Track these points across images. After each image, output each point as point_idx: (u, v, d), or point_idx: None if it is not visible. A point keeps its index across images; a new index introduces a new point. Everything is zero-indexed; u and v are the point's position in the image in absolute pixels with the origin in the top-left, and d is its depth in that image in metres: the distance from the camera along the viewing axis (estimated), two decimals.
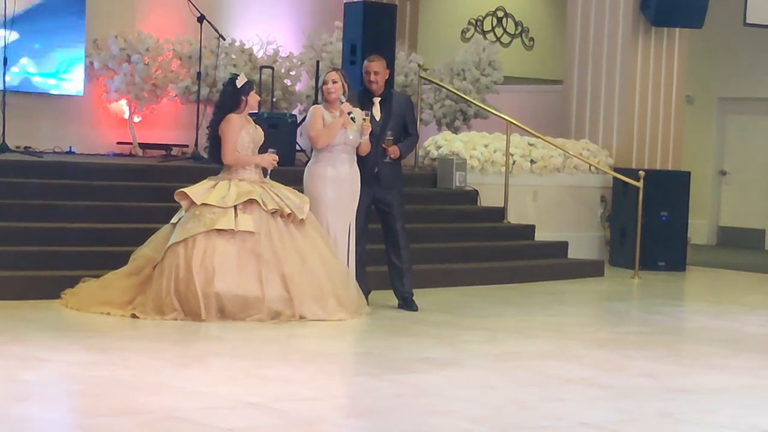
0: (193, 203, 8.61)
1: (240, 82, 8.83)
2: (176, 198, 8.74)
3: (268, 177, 8.93)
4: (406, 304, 9.45)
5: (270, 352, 7.67)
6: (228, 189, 8.65)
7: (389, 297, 9.56)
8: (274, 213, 8.66)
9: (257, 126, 9.05)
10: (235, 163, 8.76)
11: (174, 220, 8.73)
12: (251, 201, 8.62)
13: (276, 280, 8.53)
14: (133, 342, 7.69)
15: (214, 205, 8.56)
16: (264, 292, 8.48)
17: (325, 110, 9.17)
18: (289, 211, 8.66)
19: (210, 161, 9.26)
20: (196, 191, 8.68)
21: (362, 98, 9.40)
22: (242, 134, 8.78)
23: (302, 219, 8.72)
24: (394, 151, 9.32)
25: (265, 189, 8.74)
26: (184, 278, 8.40)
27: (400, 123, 9.46)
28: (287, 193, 8.84)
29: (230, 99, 8.83)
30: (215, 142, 8.82)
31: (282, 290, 8.54)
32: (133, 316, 8.42)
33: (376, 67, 9.41)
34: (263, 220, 8.62)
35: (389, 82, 9.72)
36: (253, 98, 8.92)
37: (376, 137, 9.25)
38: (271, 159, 8.87)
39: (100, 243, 9.68)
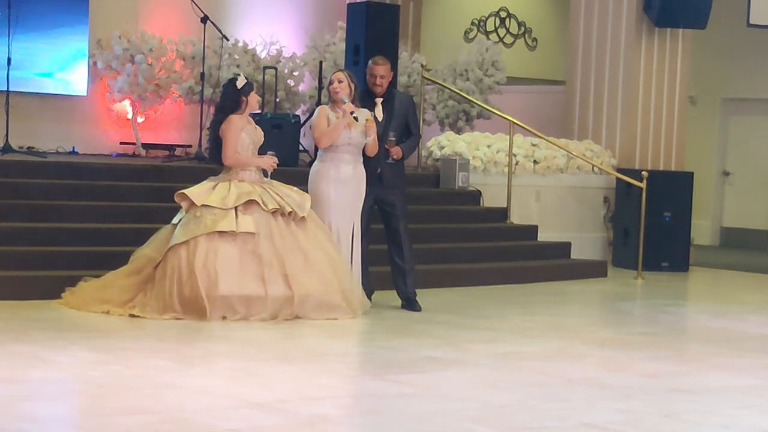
0: (193, 204, 8.62)
1: (240, 83, 8.84)
2: (176, 199, 8.75)
3: (268, 178, 8.93)
4: (409, 304, 9.46)
5: (273, 352, 7.67)
6: (228, 190, 8.65)
7: (392, 297, 9.56)
8: (274, 213, 8.66)
9: (257, 127, 9.05)
10: (236, 164, 8.77)
11: (174, 220, 8.74)
12: (251, 202, 8.62)
13: (279, 280, 8.54)
14: (137, 342, 7.70)
15: (215, 207, 8.56)
16: (267, 291, 8.48)
17: (331, 110, 9.18)
18: (290, 210, 8.67)
19: (210, 161, 9.27)
20: (197, 192, 8.68)
21: (364, 98, 9.41)
22: (242, 135, 8.79)
23: (303, 217, 8.72)
24: (396, 151, 9.34)
25: (265, 189, 8.75)
26: (188, 281, 8.41)
27: (402, 123, 9.48)
28: (287, 191, 8.85)
29: (231, 100, 8.84)
30: (216, 143, 8.83)
31: (285, 289, 8.55)
32: (132, 315, 8.42)
33: (381, 71, 9.41)
34: (264, 220, 8.62)
35: (392, 83, 9.72)
36: (254, 99, 8.93)
37: (378, 138, 9.25)
38: (270, 161, 8.88)
39: (103, 243, 9.69)
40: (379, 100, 9.44)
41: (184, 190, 8.73)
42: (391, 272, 9.54)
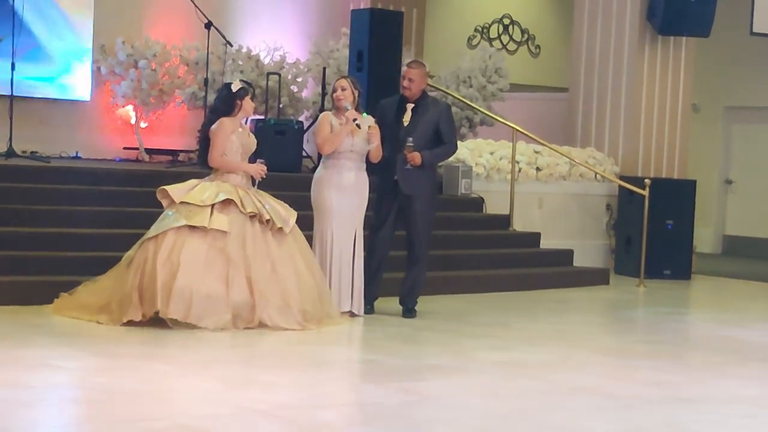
0: (173, 201, 8.59)
1: (235, 87, 8.82)
2: (157, 196, 8.69)
3: (255, 187, 8.84)
4: (404, 310, 9.45)
5: (276, 359, 7.67)
6: (208, 189, 8.59)
7: (396, 305, 9.54)
8: (252, 217, 8.56)
9: (251, 134, 8.99)
10: (220, 166, 8.70)
11: (159, 218, 8.68)
12: (229, 202, 8.51)
13: (242, 283, 8.42)
14: (140, 348, 7.70)
15: (193, 203, 8.51)
16: (228, 292, 8.38)
17: (334, 117, 9.19)
18: (268, 218, 8.57)
19: (197, 163, 9.19)
20: (177, 190, 8.62)
21: (399, 104, 9.40)
22: (232, 138, 8.71)
23: (281, 228, 8.59)
24: (412, 157, 9.21)
25: (248, 193, 8.65)
26: (149, 272, 8.29)
27: (430, 130, 9.32)
28: (274, 203, 8.73)
29: (224, 103, 8.80)
30: (204, 144, 8.77)
31: (246, 294, 8.42)
32: (98, 323, 8.31)
33: (411, 74, 9.35)
34: (239, 221, 8.52)
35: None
36: (248, 104, 8.86)
37: (400, 144, 9.23)
38: (259, 169, 8.76)
39: (107, 248, 9.67)
40: (410, 106, 9.38)
41: (165, 187, 8.68)
42: (405, 276, 9.52)
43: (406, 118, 9.34)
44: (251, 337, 8.22)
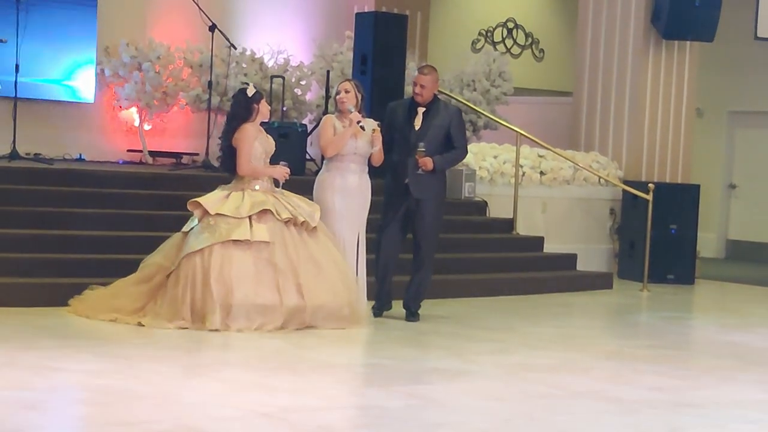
0: (206, 213, 8.62)
1: (250, 92, 8.85)
2: (189, 207, 8.74)
3: (279, 188, 8.93)
4: (407, 313, 9.44)
5: (280, 362, 7.66)
6: (242, 199, 8.66)
7: (399, 308, 9.54)
8: (287, 222, 8.67)
9: (269, 136, 9.06)
10: (251, 174, 8.77)
11: (186, 228, 8.72)
12: (265, 211, 8.62)
13: (292, 289, 8.55)
14: (143, 350, 7.69)
15: (229, 216, 8.56)
16: (282, 300, 8.49)
17: (337, 120, 9.19)
18: (303, 220, 8.68)
19: (222, 170, 9.25)
20: (210, 201, 8.67)
21: (410, 107, 9.40)
22: (256, 145, 8.79)
23: (315, 227, 8.73)
24: (425, 162, 9.19)
25: (278, 199, 8.76)
26: (202, 289, 8.40)
27: (441, 135, 9.30)
28: (298, 201, 8.86)
29: (243, 108, 8.83)
30: (229, 152, 8.82)
31: (298, 299, 8.55)
32: (140, 324, 8.41)
33: (423, 80, 9.33)
34: (277, 229, 8.63)
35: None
36: (264, 107, 8.93)
37: (411, 148, 9.22)
38: (283, 171, 8.87)
39: (109, 251, 9.69)
40: (421, 110, 9.36)
41: (197, 198, 8.72)
42: (411, 279, 9.52)
43: (417, 122, 9.33)
44: (254, 340, 8.22)
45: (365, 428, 6.07)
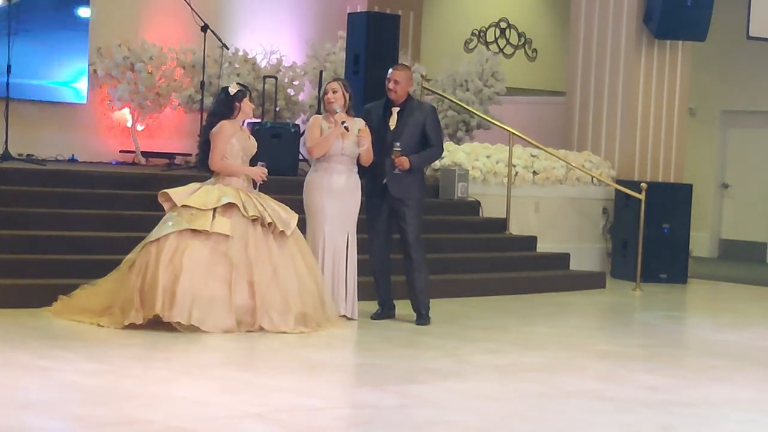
0: (174, 205, 8.59)
1: (233, 90, 8.82)
2: (159, 199, 8.68)
3: (256, 189, 8.86)
4: (417, 317, 9.39)
5: (272, 362, 7.66)
6: (210, 192, 8.59)
7: (400, 309, 9.52)
8: (254, 220, 8.57)
9: (251, 137, 8.99)
10: (221, 170, 8.70)
11: (161, 222, 8.68)
12: (231, 205, 8.52)
13: (243, 287, 8.43)
14: (135, 351, 7.69)
15: (194, 207, 8.51)
16: (231, 295, 8.39)
17: (324, 120, 9.19)
18: (270, 221, 8.58)
19: (198, 168, 9.20)
20: (179, 193, 8.62)
21: (385, 107, 9.39)
22: (233, 142, 8.72)
23: (282, 231, 8.60)
24: (401, 162, 9.19)
25: (249, 197, 8.65)
26: (151, 276, 8.29)
27: (417, 134, 9.30)
28: (275, 206, 8.74)
29: (223, 106, 8.80)
30: (205, 148, 8.77)
31: (248, 298, 8.44)
32: (99, 325, 8.30)
33: (396, 75, 9.31)
34: (241, 225, 8.52)
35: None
36: (248, 105, 8.87)
37: (388, 148, 9.21)
38: (260, 172, 8.77)
39: (102, 251, 9.66)
40: (395, 110, 9.35)
41: (167, 190, 8.68)
42: (405, 283, 9.51)
43: (392, 122, 9.32)
44: (246, 340, 8.21)
45: (358, 428, 6.07)
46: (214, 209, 8.49)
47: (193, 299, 8.25)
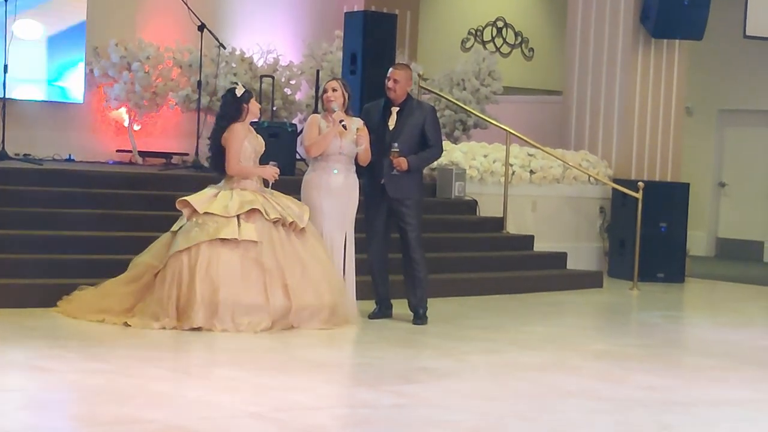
0: (195, 212, 8.60)
1: (239, 91, 8.84)
2: (178, 206, 8.73)
3: (269, 188, 8.91)
4: (415, 317, 9.39)
5: (270, 361, 7.66)
6: (230, 198, 8.65)
7: (398, 308, 9.52)
8: (276, 222, 8.66)
9: (258, 135, 9.04)
10: (239, 174, 8.76)
11: (174, 228, 8.71)
12: (254, 210, 8.61)
13: (279, 290, 8.54)
14: (134, 351, 7.68)
15: (217, 215, 8.55)
16: (269, 300, 8.48)
17: (323, 119, 9.19)
18: (291, 220, 8.67)
19: (211, 170, 9.24)
20: (199, 200, 8.67)
21: (384, 107, 9.38)
22: (245, 144, 8.78)
23: (303, 228, 8.73)
24: (399, 162, 9.18)
25: (267, 198, 8.75)
26: (187, 287, 8.39)
27: (415, 134, 9.29)
28: (288, 202, 8.85)
29: (232, 108, 8.82)
30: (218, 151, 8.81)
31: (284, 299, 8.54)
32: (126, 324, 8.38)
33: (395, 75, 9.30)
34: (266, 229, 8.62)
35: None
36: (254, 106, 8.92)
37: (386, 148, 9.21)
38: (273, 171, 8.86)
39: (99, 251, 9.67)
40: (395, 110, 9.34)
41: (186, 197, 8.71)
42: (404, 282, 9.50)
43: (392, 122, 9.31)
44: (246, 340, 8.21)
45: (355, 427, 6.07)
46: (238, 216, 8.53)
47: (234, 309, 8.37)
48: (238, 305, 8.40)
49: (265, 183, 8.91)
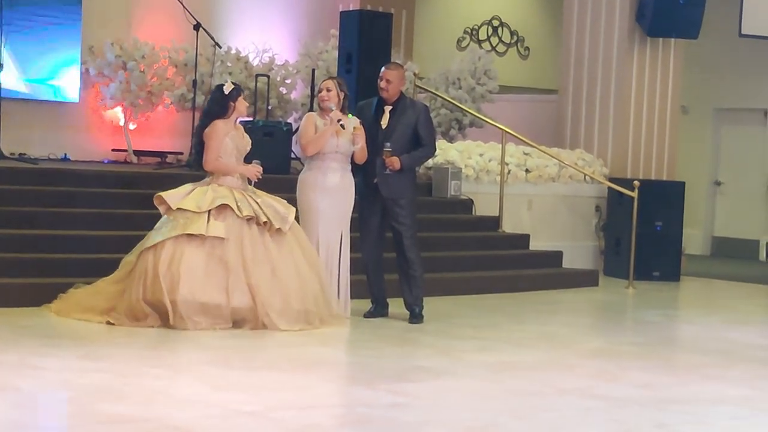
0: (169, 208, 8.58)
1: (227, 89, 8.80)
2: (154, 202, 8.69)
3: (251, 187, 8.82)
4: (411, 315, 9.37)
5: (265, 360, 7.66)
6: (204, 194, 8.58)
7: (394, 307, 9.51)
8: (249, 220, 8.57)
9: (246, 135, 8.98)
10: (216, 170, 8.70)
11: (157, 226, 8.68)
12: (225, 206, 8.50)
13: (242, 289, 8.43)
14: (126, 349, 7.67)
15: (189, 210, 8.50)
16: (229, 300, 8.39)
17: (319, 118, 9.17)
18: (265, 220, 8.57)
19: (193, 167, 9.19)
20: (173, 196, 8.62)
21: (377, 106, 9.37)
22: (226, 141, 8.70)
23: (279, 228, 8.59)
24: (391, 162, 9.16)
25: (244, 196, 8.64)
26: (152, 284, 8.33)
27: (408, 133, 9.27)
28: (272, 202, 8.73)
29: (217, 105, 8.78)
30: (199, 148, 8.77)
31: (248, 299, 8.44)
32: (108, 323, 8.35)
33: (388, 75, 9.27)
34: (236, 226, 8.52)
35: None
36: (242, 104, 8.85)
37: (379, 147, 9.19)
38: (254, 170, 8.77)
39: (94, 250, 9.65)
40: (387, 108, 9.33)
41: (161, 193, 8.67)
42: (399, 281, 9.49)
43: (384, 121, 9.29)
44: (240, 339, 8.20)
45: (351, 426, 6.07)
46: (209, 211, 8.48)
47: (191, 307, 8.29)
48: (196, 303, 8.30)
49: (249, 182, 8.84)
